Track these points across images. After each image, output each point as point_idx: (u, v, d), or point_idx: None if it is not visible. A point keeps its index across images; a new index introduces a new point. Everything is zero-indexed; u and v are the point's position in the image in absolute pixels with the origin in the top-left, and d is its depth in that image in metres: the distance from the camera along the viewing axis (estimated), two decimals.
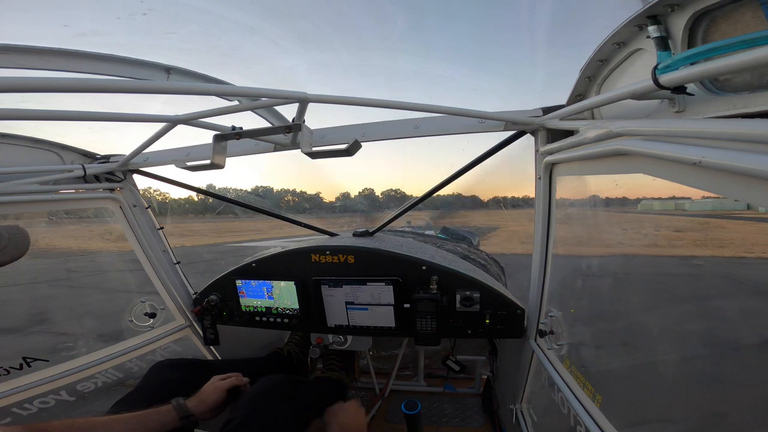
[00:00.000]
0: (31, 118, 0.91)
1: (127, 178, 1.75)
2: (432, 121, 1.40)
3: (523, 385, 1.70)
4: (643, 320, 4.54)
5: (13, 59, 0.99)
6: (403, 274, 1.58)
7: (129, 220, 1.76)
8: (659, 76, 0.64)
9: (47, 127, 1.93)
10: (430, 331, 1.54)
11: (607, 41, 0.89)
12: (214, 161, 1.19)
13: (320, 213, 19.33)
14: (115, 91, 0.81)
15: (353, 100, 1.07)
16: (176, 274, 1.97)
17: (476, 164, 1.49)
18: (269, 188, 23.95)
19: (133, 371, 1.74)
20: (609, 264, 1.34)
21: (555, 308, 1.40)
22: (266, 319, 1.83)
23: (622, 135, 0.81)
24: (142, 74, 1.25)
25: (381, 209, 18.33)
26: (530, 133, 1.36)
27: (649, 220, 13.74)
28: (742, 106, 0.61)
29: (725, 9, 0.62)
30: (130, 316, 1.83)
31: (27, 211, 1.52)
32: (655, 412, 1.90)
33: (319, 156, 1.14)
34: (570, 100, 1.18)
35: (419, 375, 2.59)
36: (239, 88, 1.14)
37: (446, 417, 2.24)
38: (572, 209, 1.36)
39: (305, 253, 1.70)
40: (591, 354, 1.27)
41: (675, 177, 0.71)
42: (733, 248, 9.87)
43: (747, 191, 0.54)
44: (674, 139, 0.66)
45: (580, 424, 1.10)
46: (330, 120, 1.57)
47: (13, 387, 1.38)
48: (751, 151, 0.50)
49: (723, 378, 3.08)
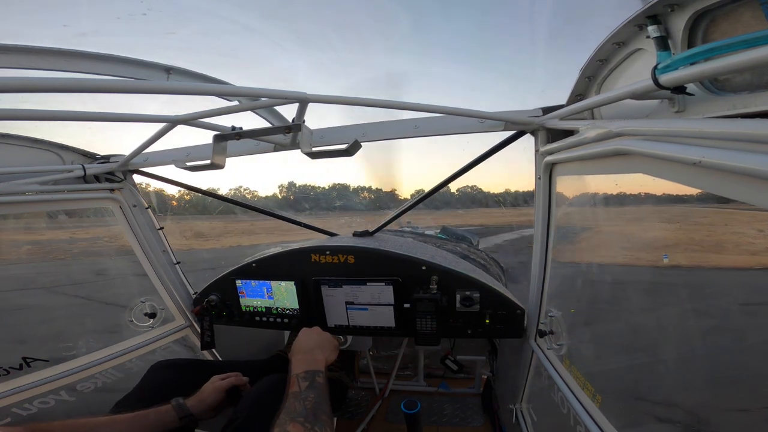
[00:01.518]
0: (31, 118, 0.90)
1: (127, 178, 1.75)
2: (432, 121, 1.40)
3: (523, 385, 1.70)
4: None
5: (13, 59, 0.99)
6: (403, 274, 1.58)
7: (129, 220, 1.76)
8: (659, 76, 0.64)
9: (47, 127, 1.94)
10: (430, 331, 1.54)
11: (607, 41, 0.89)
12: (214, 161, 1.19)
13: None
14: (115, 91, 0.81)
15: (353, 100, 1.07)
16: (176, 274, 1.97)
17: (476, 164, 1.49)
18: (346, 185, 23.48)
19: (133, 371, 1.74)
20: (609, 264, 1.34)
21: (555, 308, 1.41)
22: (266, 319, 1.83)
23: (622, 135, 0.81)
24: (142, 74, 1.25)
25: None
26: (530, 133, 1.36)
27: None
28: (742, 106, 0.61)
29: (725, 9, 0.62)
30: (130, 316, 1.83)
31: (27, 211, 1.52)
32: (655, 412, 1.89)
33: (319, 156, 1.14)
34: (570, 100, 1.17)
35: (419, 375, 2.59)
36: (239, 88, 1.14)
37: (446, 417, 2.24)
38: (572, 209, 1.36)
39: (305, 253, 1.70)
40: (591, 354, 1.27)
41: (675, 177, 0.71)
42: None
43: (747, 191, 0.54)
44: (674, 139, 0.66)
45: (579, 424, 1.10)
46: (330, 120, 1.57)
47: (12, 387, 1.38)
48: (751, 151, 0.50)
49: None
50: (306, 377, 1.00)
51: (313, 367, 1.04)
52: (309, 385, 0.97)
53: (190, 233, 13.87)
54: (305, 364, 1.05)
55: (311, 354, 1.11)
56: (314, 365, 1.06)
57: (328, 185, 23.58)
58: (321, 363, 1.09)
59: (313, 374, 1.01)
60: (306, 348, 1.14)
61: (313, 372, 1.02)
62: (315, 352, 1.13)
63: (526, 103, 1.44)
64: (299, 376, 1.00)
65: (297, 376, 1.00)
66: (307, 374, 1.01)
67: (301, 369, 1.03)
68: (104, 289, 1.94)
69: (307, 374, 1.01)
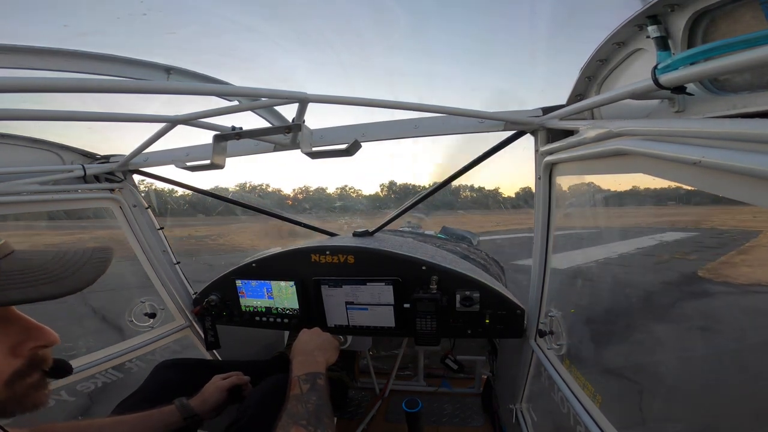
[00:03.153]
0: (31, 118, 0.90)
1: (127, 178, 1.75)
2: (432, 121, 1.40)
3: (522, 384, 1.70)
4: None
5: (13, 59, 0.99)
6: (403, 274, 1.58)
7: (129, 220, 1.76)
8: (659, 76, 0.64)
9: (47, 127, 1.94)
10: (430, 331, 1.54)
11: (607, 41, 0.89)
12: (214, 161, 1.19)
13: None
14: (115, 91, 0.81)
15: (353, 100, 1.07)
16: (176, 274, 1.97)
17: (476, 164, 1.49)
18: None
19: (133, 371, 1.73)
20: (609, 263, 1.34)
21: (555, 308, 1.41)
22: (266, 319, 1.83)
23: (622, 135, 0.81)
24: (142, 74, 1.25)
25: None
26: (530, 133, 1.36)
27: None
28: (742, 106, 0.61)
29: (725, 9, 0.62)
30: (129, 316, 1.83)
31: (27, 211, 1.52)
32: (655, 412, 1.90)
33: (319, 156, 1.14)
34: (570, 100, 1.18)
35: (419, 375, 2.59)
36: (239, 88, 1.14)
37: (446, 417, 2.24)
38: (572, 209, 1.36)
39: (305, 253, 1.70)
40: (591, 354, 1.27)
41: (675, 177, 0.71)
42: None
43: (747, 191, 0.54)
44: (674, 138, 0.66)
45: (579, 424, 1.10)
46: (330, 120, 1.57)
47: None
48: (751, 150, 0.50)
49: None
50: (307, 379, 1.00)
51: (314, 369, 1.04)
52: (310, 387, 0.97)
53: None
54: (306, 366, 1.05)
55: (312, 356, 1.12)
56: (315, 367, 1.06)
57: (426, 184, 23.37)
58: (322, 365, 1.10)
59: (314, 376, 1.01)
60: (306, 350, 1.15)
61: (314, 374, 1.02)
62: (315, 354, 1.13)
63: (526, 103, 1.44)
64: (300, 378, 1.00)
65: (298, 378, 1.00)
66: (308, 376, 1.01)
67: (302, 371, 1.03)
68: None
69: (308, 376, 1.01)
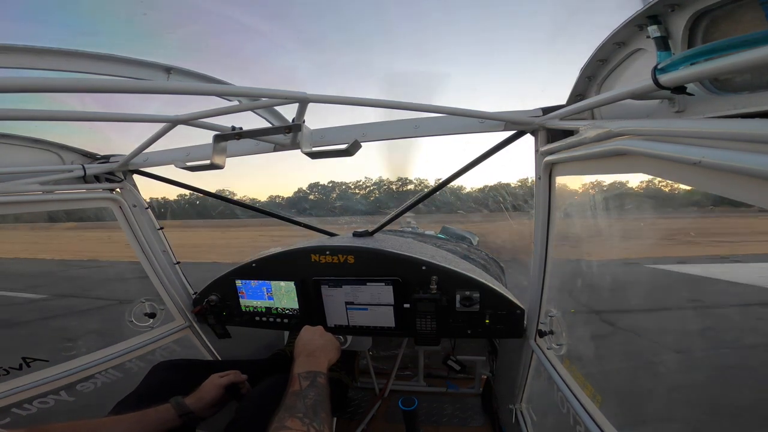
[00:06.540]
0: (31, 118, 0.90)
1: (127, 178, 1.75)
2: (432, 121, 1.40)
3: (522, 385, 1.70)
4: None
5: (13, 59, 0.99)
6: (403, 274, 1.58)
7: (129, 220, 1.76)
8: (659, 76, 0.64)
9: (47, 127, 1.93)
10: (430, 331, 1.54)
11: (607, 41, 0.89)
12: (214, 161, 1.19)
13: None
14: (115, 91, 0.81)
15: (353, 100, 1.07)
16: (176, 274, 1.97)
17: (476, 164, 1.49)
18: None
19: (133, 371, 1.73)
20: (609, 263, 1.34)
21: (555, 308, 1.41)
22: (266, 319, 1.83)
23: (622, 135, 0.81)
24: (142, 74, 1.24)
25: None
26: (530, 133, 1.36)
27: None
28: (742, 106, 0.61)
29: (725, 9, 0.62)
30: (129, 316, 1.83)
31: (27, 211, 1.52)
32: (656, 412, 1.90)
33: (319, 156, 1.14)
34: (570, 100, 1.18)
35: (419, 375, 2.59)
36: (239, 88, 1.14)
37: (446, 417, 2.24)
38: (572, 209, 1.36)
39: (305, 253, 1.70)
40: (591, 354, 1.27)
41: (675, 177, 0.71)
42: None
43: (747, 191, 0.54)
44: (674, 139, 0.66)
45: (579, 424, 1.10)
46: (330, 120, 1.57)
47: (12, 387, 1.38)
48: (751, 151, 0.50)
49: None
50: (307, 377, 1.01)
51: (315, 368, 1.05)
52: (310, 384, 0.98)
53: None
54: (308, 365, 1.06)
55: (314, 356, 1.13)
56: (317, 366, 1.07)
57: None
58: (323, 365, 1.10)
59: (315, 375, 1.02)
60: (309, 350, 1.15)
61: (315, 372, 1.03)
62: (317, 354, 1.14)
63: (526, 103, 1.44)
64: (301, 375, 1.01)
65: (299, 375, 1.01)
66: (308, 374, 1.02)
67: (303, 369, 1.04)
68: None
69: (309, 374, 1.02)
